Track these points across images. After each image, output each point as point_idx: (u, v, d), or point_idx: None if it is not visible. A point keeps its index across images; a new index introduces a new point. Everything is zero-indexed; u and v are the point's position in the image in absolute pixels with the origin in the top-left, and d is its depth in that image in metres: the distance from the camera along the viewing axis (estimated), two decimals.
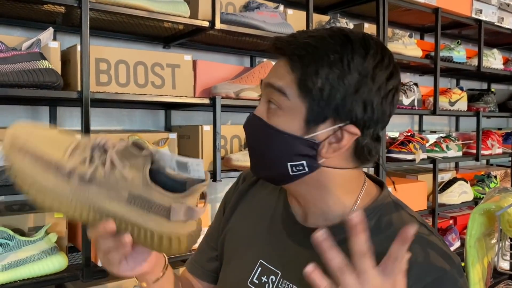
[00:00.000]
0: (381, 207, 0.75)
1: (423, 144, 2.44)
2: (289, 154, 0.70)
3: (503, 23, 2.82)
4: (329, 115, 0.69)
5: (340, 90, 0.67)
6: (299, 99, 0.69)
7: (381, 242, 0.66)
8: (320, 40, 0.69)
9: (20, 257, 1.32)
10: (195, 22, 1.65)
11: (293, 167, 0.71)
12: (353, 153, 0.72)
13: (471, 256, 0.68)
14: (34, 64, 1.33)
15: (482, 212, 0.68)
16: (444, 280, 0.66)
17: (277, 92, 0.70)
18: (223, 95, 1.71)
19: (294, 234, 0.79)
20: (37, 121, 1.71)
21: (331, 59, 0.67)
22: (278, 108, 0.70)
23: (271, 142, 0.71)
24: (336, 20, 2.10)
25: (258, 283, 0.78)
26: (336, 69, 0.67)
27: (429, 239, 0.70)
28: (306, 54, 0.68)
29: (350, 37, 0.70)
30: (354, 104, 0.68)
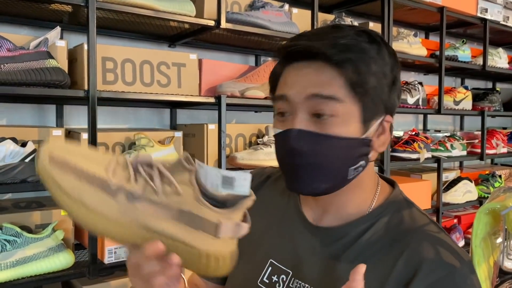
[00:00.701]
0: (394, 204, 0.76)
1: (428, 143, 2.44)
2: (352, 158, 0.70)
3: (508, 22, 2.81)
4: (380, 110, 0.71)
5: (386, 85, 0.70)
6: (352, 101, 0.68)
7: (389, 242, 0.68)
8: (355, 39, 0.69)
9: (27, 254, 1.33)
10: (200, 21, 1.65)
11: (354, 170, 0.71)
12: None
13: (477, 255, 0.69)
14: (42, 63, 1.34)
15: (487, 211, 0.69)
16: (455, 276, 0.66)
17: (329, 101, 0.67)
18: (228, 94, 1.71)
19: (306, 234, 0.78)
20: (45, 120, 1.72)
21: (372, 57, 0.68)
22: (332, 116, 0.68)
23: (333, 152, 0.69)
24: (341, 19, 2.10)
25: (268, 283, 0.78)
26: (378, 65, 0.69)
27: (439, 237, 0.71)
28: (352, 55, 0.67)
29: (370, 33, 0.72)
30: (394, 95, 0.72)
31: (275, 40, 1.93)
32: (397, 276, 0.67)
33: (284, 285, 0.76)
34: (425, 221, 0.74)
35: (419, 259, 0.66)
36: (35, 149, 1.36)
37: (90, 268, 1.42)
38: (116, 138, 1.64)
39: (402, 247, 0.69)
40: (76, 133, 1.53)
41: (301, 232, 0.79)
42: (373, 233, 0.72)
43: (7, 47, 1.31)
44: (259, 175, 0.93)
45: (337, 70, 0.67)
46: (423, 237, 0.69)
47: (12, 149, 1.31)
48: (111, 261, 1.47)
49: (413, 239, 0.70)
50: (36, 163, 0.58)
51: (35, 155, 0.55)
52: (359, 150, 0.70)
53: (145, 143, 1.60)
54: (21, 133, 1.42)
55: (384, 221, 0.73)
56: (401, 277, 0.67)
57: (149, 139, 1.60)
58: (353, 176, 0.72)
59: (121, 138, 1.65)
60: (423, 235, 0.70)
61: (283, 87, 0.73)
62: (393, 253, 0.69)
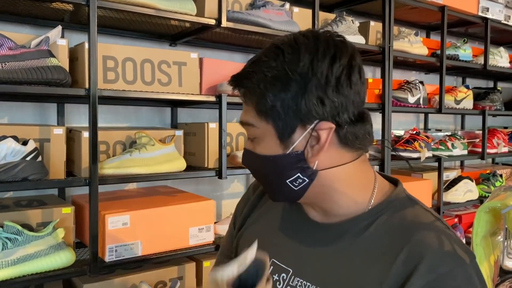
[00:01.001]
0: (395, 202, 0.76)
1: (429, 142, 2.44)
2: (282, 172, 0.74)
3: (510, 21, 2.81)
4: (294, 124, 0.71)
5: (289, 99, 0.69)
6: (263, 123, 0.73)
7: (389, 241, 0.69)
8: (256, 63, 0.74)
9: (29, 252, 1.33)
10: (201, 20, 1.66)
11: (293, 182, 0.74)
12: (340, 145, 0.73)
13: (477, 254, 0.68)
14: (43, 61, 1.34)
15: (488, 210, 0.69)
16: (458, 273, 0.66)
17: (248, 126, 0.75)
18: (229, 93, 1.71)
19: (307, 231, 0.80)
20: (46, 119, 1.72)
21: (269, 77, 0.70)
22: (256, 138, 0.75)
23: (265, 168, 0.76)
24: (342, 18, 2.10)
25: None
26: (276, 82, 0.70)
27: (445, 232, 0.71)
28: (248, 82, 0.73)
29: (279, 45, 0.72)
30: (310, 104, 0.69)
31: None
32: (396, 272, 0.67)
33: (284, 284, 0.78)
34: (429, 218, 0.73)
35: (420, 255, 0.66)
36: (36, 148, 1.36)
37: (91, 266, 1.43)
38: (117, 136, 1.64)
39: (402, 243, 0.69)
40: (77, 132, 1.54)
41: (303, 230, 0.81)
42: (374, 230, 0.73)
43: (8, 45, 1.32)
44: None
45: (244, 100, 0.75)
46: (425, 233, 0.69)
47: (13, 147, 1.31)
48: (112, 259, 1.48)
49: (414, 235, 0.69)
50: None
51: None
52: (288, 165, 0.73)
53: (145, 142, 1.60)
54: (22, 131, 1.43)
55: (385, 218, 0.74)
56: (399, 274, 0.67)
57: (149, 138, 1.60)
58: (299, 187, 0.74)
59: (122, 136, 1.65)
60: (425, 230, 0.70)
61: None
62: (394, 250, 0.69)
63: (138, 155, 1.56)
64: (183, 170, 1.68)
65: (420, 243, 0.68)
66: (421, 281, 0.65)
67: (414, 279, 0.65)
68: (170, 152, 1.65)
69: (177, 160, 1.66)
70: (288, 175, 0.73)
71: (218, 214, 2.16)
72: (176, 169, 1.65)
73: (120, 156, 1.55)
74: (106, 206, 1.55)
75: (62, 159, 1.48)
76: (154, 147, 1.60)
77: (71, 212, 1.49)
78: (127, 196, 1.77)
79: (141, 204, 1.61)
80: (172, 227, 1.60)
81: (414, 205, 0.76)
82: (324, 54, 0.70)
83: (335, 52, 0.70)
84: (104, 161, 1.52)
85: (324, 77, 0.69)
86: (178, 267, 1.68)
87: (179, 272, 1.69)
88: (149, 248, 1.54)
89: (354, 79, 0.71)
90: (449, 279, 0.64)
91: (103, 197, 1.46)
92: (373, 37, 2.31)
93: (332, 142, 0.71)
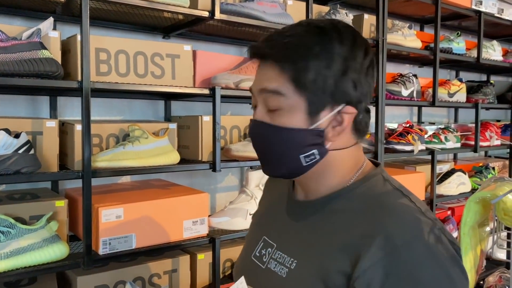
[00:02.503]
0: (371, 179, 0.80)
1: (422, 135, 2.45)
2: (300, 147, 0.76)
3: (503, 14, 2.82)
4: (327, 102, 0.75)
5: (330, 77, 0.73)
6: (296, 95, 0.74)
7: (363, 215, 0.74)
8: (299, 37, 0.75)
9: (22, 245, 1.33)
10: (194, 12, 1.65)
11: (306, 158, 0.77)
12: (353, 130, 0.79)
13: (464, 243, 0.69)
14: (34, 53, 1.33)
15: (478, 200, 0.69)
16: (414, 244, 0.67)
17: (274, 95, 0.75)
18: (223, 86, 1.71)
19: (291, 210, 0.88)
20: (39, 112, 1.71)
21: (314, 52, 0.73)
22: (278, 109, 0.75)
23: (281, 140, 0.76)
24: (336, 11, 2.10)
25: (258, 256, 0.88)
26: (322, 59, 0.73)
27: (409, 206, 0.73)
28: (292, 53, 0.74)
29: (323, 27, 0.76)
30: (346, 86, 0.74)
31: (269, 32, 1.92)
32: (355, 246, 0.70)
33: (268, 257, 0.85)
34: (396, 195, 0.77)
35: (379, 228, 0.70)
36: (28, 140, 1.35)
37: (84, 259, 1.43)
38: (110, 129, 1.63)
39: (367, 217, 0.73)
40: (70, 125, 1.53)
41: (287, 209, 0.89)
42: (344, 205, 0.78)
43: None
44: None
45: (279, 68, 0.74)
46: (389, 208, 0.73)
47: (5, 140, 1.31)
48: (106, 252, 1.48)
49: (377, 209, 0.74)
50: None
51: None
52: (308, 140, 0.76)
53: (139, 135, 1.59)
54: (14, 124, 1.42)
55: (357, 194, 0.79)
56: (359, 246, 0.70)
57: (143, 131, 1.60)
58: (309, 163, 0.77)
59: (115, 129, 1.65)
60: (389, 205, 0.74)
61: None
62: (359, 223, 0.74)
63: (132, 148, 1.56)
64: (177, 163, 1.67)
65: (381, 217, 0.72)
66: (378, 254, 0.67)
67: (372, 250, 0.68)
68: (164, 145, 1.65)
69: (171, 153, 1.66)
70: (304, 150, 0.76)
71: (212, 207, 2.17)
72: (170, 162, 1.65)
73: (113, 149, 1.55)
74: (100, 199, 1.55)
75: (55, 152, 1.47)
76: (148, 140, 1.60)
77: (64, 205, 1.49)
78: (120, 189, 1.77)
79: (135, 197, 1.61)
80: (166, 220, 1.60)
81: (385, 183, 0.81)
82: (360, 44, 0.76)
83: (366, 45, 0.78)
84: (97, 154, 1.52)
85: (359, 64, 0.75)
86: (172, 260, 1.69)
87: (173, 264, 1.69)
88: (143, 241, 1.55)
89: (374, 73, 0.79)
90: (404, 250, 0.66)
91: (96, 190, 1.46)
92: (367, 30, 2.31)
93: (349, 126, 0.77)
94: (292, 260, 0.80)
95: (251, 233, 0.98)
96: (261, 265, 0.86)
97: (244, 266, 0.93)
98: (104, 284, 1.53)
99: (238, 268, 0.96)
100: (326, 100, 0.74)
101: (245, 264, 0.93)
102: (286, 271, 0.79)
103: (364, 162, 0.84)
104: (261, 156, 0.82)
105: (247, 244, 0.96)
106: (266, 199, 1.02)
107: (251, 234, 0.98)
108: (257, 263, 0.87)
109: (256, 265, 0.87)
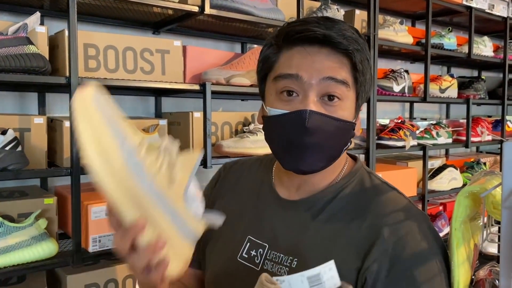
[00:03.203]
0: (357, 174, 0.84)
1: (414, 131, 2.45)
2: (347, 139, 0.79)
3: (493, 10, 2.82)
4: (365, 99, 0.81)
5: (369, 77, 0.79)
6: (353, 88, 0.77)
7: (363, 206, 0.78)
8: (353, 31, 0.77)
9: (10, 243, 1.31)
10: (184, 7, 1.63)
11: (345, 149, 0.80)
12: None
13: (456, 238, 0.69)
14: (21, 48, 1.31)
15: (467, 194, 0.69)
16: (415, 232, 0.73)
17: (341, 85, 0.74)
18: (214, 81, 1.70)
19: (279, 209, 0.85)
20: (27, 108, 1.69)
21: (366, 51, 0.78)
22: (341, 100, 0.75)
23: (337, 133, 0.76)
24: (327, 6, 2.09)
25: (247, 257, 0.84)
26: (369, 59, 0.78)
27: (399, 197, 0.80)
28: (358, 46, 0.75)
29: (354, 27, 0.79)
30: (370, 87, 0.81)
31: (260, 27, 1.91)
32: (362, 239, 0.74)
33: (261, 258, 0.82)
34: (385, 188, 0.82)
35: (381, 221, 0.74)
36: (15, 137, 1.34)
37: (74, 257, 1.41)
38: None
39: (365, 211, 0.77)
40: (58, 121, 1.51)
41: (274, 208, 0.85)
42: (339, 201, 0.80)
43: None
44: (229, 165, 1.02)
45: (345, 58, 0.75)
46: (384, 201, 0.78)
47: None
48: (96, 250, 1.46)
49: (374, 203, 0.78)
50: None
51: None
52: (351, 132, 0.79)
53: None
54: (1, 121, 1.40)
55: (349, 189, 0.81)
56: (365, 240, 0.74)
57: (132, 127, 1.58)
58: (342, 154, 0.81)
59: None
60: (383, 199, 0.79)
61: (290, 67, 0.75)
62: (359, 218, 0.77)
63: None
64: None
65: (380, 210, 0.76)
66: (385, 244, 0.72)
67: (379, 241, 0.72)
68: (154, 141, 1.63)
69: None
70: (347, 141, 0.79)
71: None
72: None
73: None
74: (89, 196, 1.53)
75: (43, 149, 1.45)
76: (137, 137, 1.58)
77: (53, 202, 1.47)
78: None
79: None
80: None
81: (371, 177, 0.85)
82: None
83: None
84: None
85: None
86: None
87: None
88: None
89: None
90: (409, 238, 0.72)
91: (86, 187, 1.44)
92: (358, 25, 2.30)
93: None
94: (291, 258, 0.78)
95: (227, 232, 0.87)
96: (254, 267, 0.82)
97: (230, 269, 0.86)
98: (94, 283, 1.52)
99: (221, 271, 0.87)
100: (365, 98, 0.80)
101: (230, 266, 0.86)
102: (287, 270, 0.77)
103: (347, 158, 0.88)
104: (303, 150, 0.75)
105: (225, 245, 0.89)
106: (236, 196, 0.94)
107: (226, 234, 0.88)
108: (248, 265, 0.83)
109: (247, 267, 0.83)
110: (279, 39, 0.78)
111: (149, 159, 0.62)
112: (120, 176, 0.59)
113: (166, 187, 0.62)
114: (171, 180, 0.62)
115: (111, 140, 0.58)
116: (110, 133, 0.59)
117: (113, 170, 0.58)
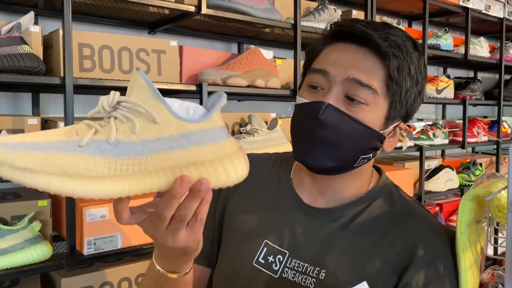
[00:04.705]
0: (385, 188, 0.82)
1: (410, 132, 2.44)
2: (365, 147, 0.74)
3: (490, 11, 2.83)
4: (402, 113, 0.76)
5: (413, 93, 0.75)
6: (384, 97, 0.72)
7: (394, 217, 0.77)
8: (404, 41, 0.72)
9: (3, 246, 1.29)
10: (180, 6, 1.61)
11: (362, 159, 0.75)
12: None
13: (462, 242, 0.68)
14: (14, 48, 1.29)
15: (472, 198, 0.68)
16: (446, 251, 0.72)
17: (366, 89, 0.71)
18: (210, 82, 1.68)
19: (302, 215, 0.81)
20: (21, 109, 1.67)
21: (413, 62, 0.73)
22: (363, 103, 0.71)
23: (353, 134, 0.72)
24: (324, 7, 2.08)
25: (264, 263, 0.79)
26: (415, 72, 0.73)
27: (427, 215, 0.80)
28: (399, 53, 0.71)
29: (415, 41, 0.75)
30: (416, 105, 0.77)
31: (257, 27, 1.90)
32: (397, 256, 0.72)
33: (281, 265, 0.78)
34: (413, 204, 0.81)
35: (416, 239, 0.73)
36: None
37: (68, 260, 1.39)
38: None
39: (399, 229, 0.75)
40: (52, 122, 1.49)
41: (296, 213, 0.81)
42: (368, 214, 0.77)
43: None
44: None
45: (381, 62, 0.71)
46: (415, 218, 0.77)
47: None
48: (91, 253, 1.44)
49: (406, 220, 0.77)
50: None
51: None
52: (373, 143, 0.74)
53: None
54: None
55: (378, 203, 0.79)
56: (400, 257, 0.72)
57: None
58: (359, 164, 0.76)
59: None
60: (415, 216, 0.78)
61: (324, 62, 0.75)
62: (391, 234, 0.75)
63: None
64: None
65: (414, 228, 0.75)
66: (421, 263, 0.71)
67: (416, 261, 0.71)
68: None
69: None
70: (366, 151, 0.74)
71: None
72: None
73: None
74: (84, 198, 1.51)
75: None
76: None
77: (47, 205, 1.45)
78: None
79: None
80: None
81: (398, 191, 0.83)
82: (426, 76, 0.78)
83: (427, 79, 0.84)
84: None
85: (423, 93, 0.77)
86: None
87: None
88: (128, 240, 1.51)
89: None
90: (442, 257, 0.72)
91: None
92: None
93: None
94: (318, 269, 0.74)
95: (241, 231, 0.84)
96: (272, 274, 0.78)
97: (244, 273, 0.81)
98: (89, 286, 1.50)
99: (234, 274, 0.82)
100: (402, 112, 0.75)
101: (245, 271, 0.81)
102: (314, 282, 0.74)
103: (373, 171, 0.86)
104: (313, 141, 0.73)
105: (238, 245, 0.84)
106: (250, 195, 0.88)
107: (240, 233, 0.84)
108: (265, 271, 0.79)
109: (264, 273, 0.79)
110: (327, 33, 0.78)
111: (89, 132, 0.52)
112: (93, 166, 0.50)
113: (150, 129, 0.52)
114: (150, 120, 0.53)
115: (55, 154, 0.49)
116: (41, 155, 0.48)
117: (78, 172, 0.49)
